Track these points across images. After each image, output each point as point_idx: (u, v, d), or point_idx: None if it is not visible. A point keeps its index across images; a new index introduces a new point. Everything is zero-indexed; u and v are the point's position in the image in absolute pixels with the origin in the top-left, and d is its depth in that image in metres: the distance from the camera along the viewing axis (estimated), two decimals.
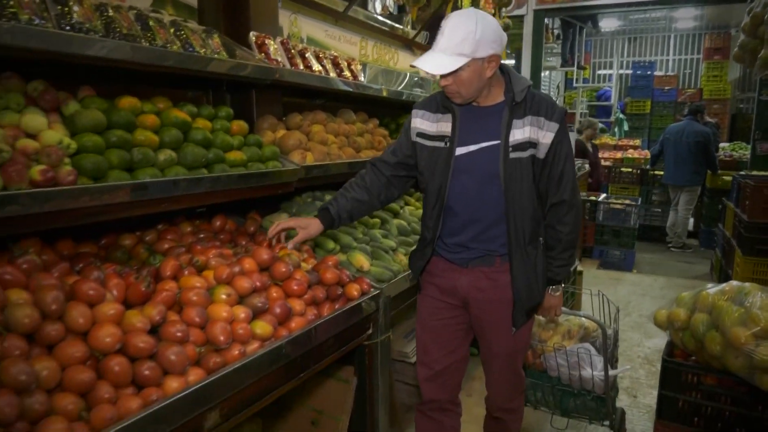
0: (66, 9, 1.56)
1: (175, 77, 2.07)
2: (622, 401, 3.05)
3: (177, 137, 1.82)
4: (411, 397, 2.86)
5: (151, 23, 1.86)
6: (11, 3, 1.41)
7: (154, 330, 1.46)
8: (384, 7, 5.58)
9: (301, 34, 3.18)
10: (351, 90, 2.84)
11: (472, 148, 1.80)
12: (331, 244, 2.34)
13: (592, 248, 6.36)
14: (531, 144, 1.75)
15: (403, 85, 3.76)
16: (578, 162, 6.41)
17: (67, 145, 1.48)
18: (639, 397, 3.13)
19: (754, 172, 5.22)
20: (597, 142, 9.81)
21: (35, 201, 1.34)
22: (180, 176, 1.75)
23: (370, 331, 2.18)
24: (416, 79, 3.95)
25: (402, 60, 4.54)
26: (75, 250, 1.72)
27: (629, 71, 11.70)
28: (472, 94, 1.76)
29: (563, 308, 2.09)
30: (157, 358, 1.37)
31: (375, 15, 4.07)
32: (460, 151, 1.81)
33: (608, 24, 11.76)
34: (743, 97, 9.95)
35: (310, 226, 1.93)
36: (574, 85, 11.12)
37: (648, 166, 7.88)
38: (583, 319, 2.51)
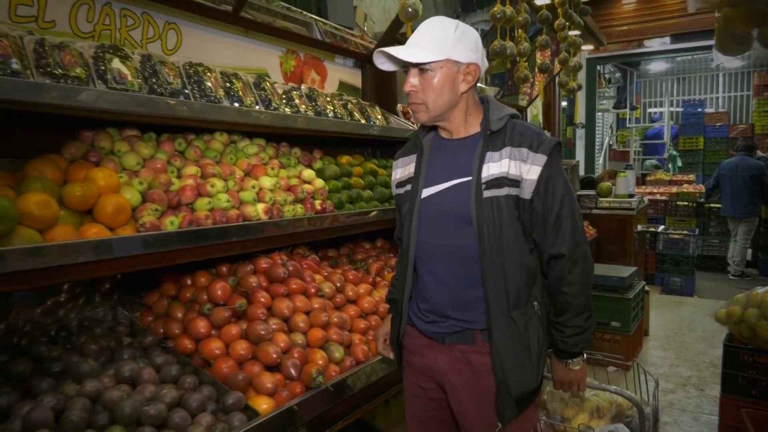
0: (316, 103, 2.47)
1: (354, 139, 2.95)
2: (692, 393, 3.67)
3: (371, 181, 2.69)
4: None
5: (349, 106, 2.76)
6: (296, 103, 2.31)
7: None
8: None
9: None
10: None
11: (441, 187, 1.51)
12: None
13: (653, 275, 6.91)
14: (510, 181, 1.43)
15: None
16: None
17: (324, 188, 2.36)
18: (706, 390, 3.73)
19: None
20: (651, 178, 10.37)
21: (319, 221, 2.20)
22: (380, 207, 2.60)
23: None
24: None
25: None
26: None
27: (680, 109, 12.27)
28: (439, 109, 1.47)
29: (589, 379, 1.70)
30: None
31: None
32: (426, 192, 1.53)
33: (657, 67, 12.43)
34: None
35: None
36: (627, 125, 11.77)
37: (703, 200, 8.38)
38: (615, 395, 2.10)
